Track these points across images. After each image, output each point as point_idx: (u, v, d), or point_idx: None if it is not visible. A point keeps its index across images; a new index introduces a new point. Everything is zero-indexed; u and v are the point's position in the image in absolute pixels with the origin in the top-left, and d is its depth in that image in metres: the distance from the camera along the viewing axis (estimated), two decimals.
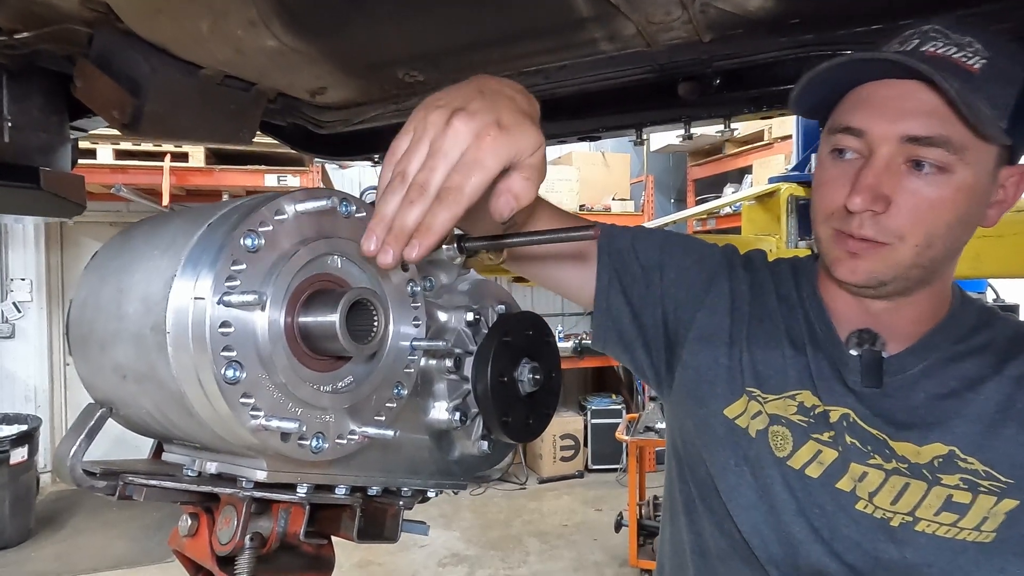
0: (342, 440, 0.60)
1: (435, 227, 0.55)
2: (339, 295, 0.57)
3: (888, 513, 0.82)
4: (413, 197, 0.56)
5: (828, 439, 0.86)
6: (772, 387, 0.91)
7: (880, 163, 0.78)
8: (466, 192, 0.57)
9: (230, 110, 1.28)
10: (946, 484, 0.81)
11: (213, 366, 0.50)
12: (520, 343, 0.83)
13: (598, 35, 1.04)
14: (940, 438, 0.82)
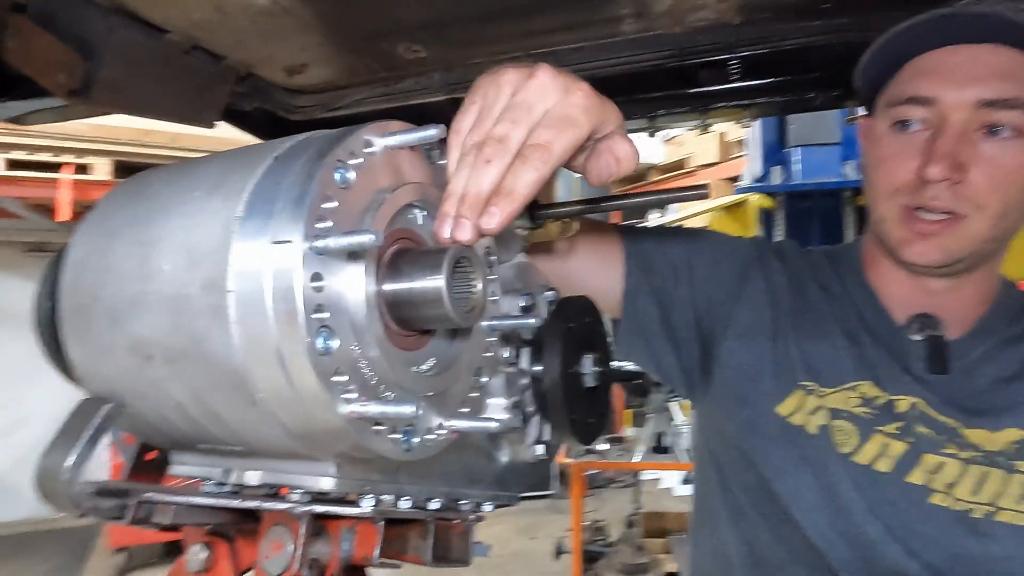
0: (430, 436, 0.48)
1: (517, 190, 0.46)
2: (439, 252, 0.45)
3: (969, 505, 0.77)
4: (490, 154, 0.47)
5: (896, 431, 0.81)
6: (828, 379, 0.86)
7: (955, 130, 0.76)
8: (555, 151, 0.48)
9: (195, 85, 1.12)
10: (1021, 469, 0.78)
11: (303, 331, 0.38)
12: (581, 331, 0.73)
13: (627, 11, 0.97)
14: (1014, 423, 0.79)
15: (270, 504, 0.47)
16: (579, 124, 0.50)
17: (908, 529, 0.78)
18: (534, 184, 0.46)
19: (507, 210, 0.45)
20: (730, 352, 0.92)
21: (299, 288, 0.38)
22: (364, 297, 0.41)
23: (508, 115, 0.49)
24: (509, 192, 0.45)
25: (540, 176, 0.46)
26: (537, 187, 0.47)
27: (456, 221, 0.45)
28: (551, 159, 0.48)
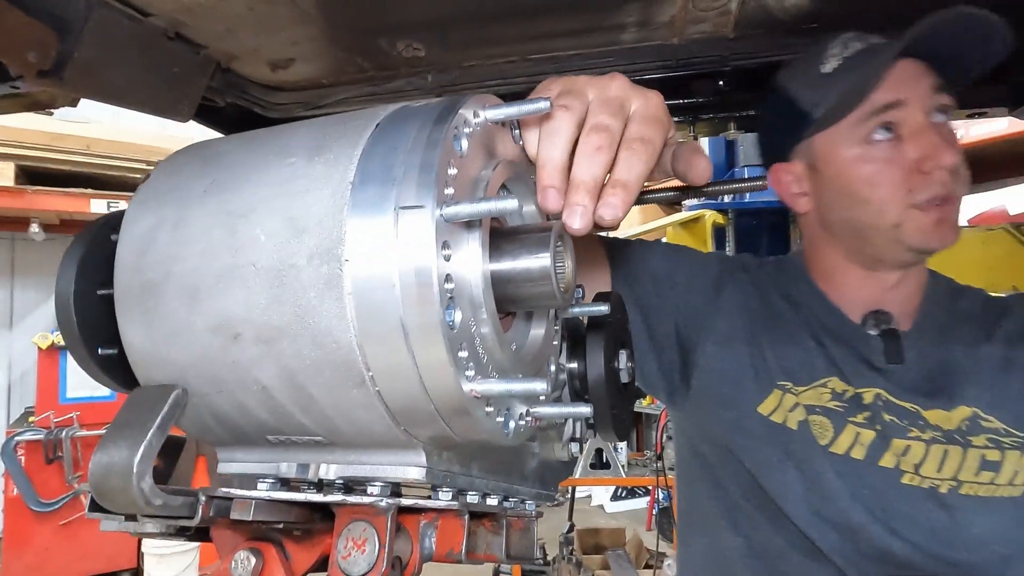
0: (521, 422, 0.46)
1: (632, 181, 0.47)
2: (543, 231, 0.44)
3: (936, 481, 0.84)
4: (599, 142, 0.47)
5: (864, 420, 0.88)
6: (802, 378, 0.91)
7: (929, 121, 0.85)
8: (657, 145, 0.50)
9: (173, 74, 1.06)
10: (976, 445, 0.85)
11: (437, 302, 0.36)
12: (616, 327, 0.73)
13: (630, 20, 1.00)
14: (962, 402, 0.87)
15: (355, 498, 0.44)
16: (665, 124, 0.52)
17: (887, 510, 0.84)
18: (644, 176, 0.46)
19: (627, 201, 0.45)
20: (710, 358, 0.96)
21: (433, 256, 0.36)
22: (481, 270, 0.39)
23: (605, 108, 0.49)
24: (626, 183, 0.46)
25: (648, 169, 0.47)
26: (644, 179, 0.47)
27: (571, 207, 0.45)
28: (655, 152, 0.49)
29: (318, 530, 0.47)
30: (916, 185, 0.84)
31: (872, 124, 0.86)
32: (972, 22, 0.81)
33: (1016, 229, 1.45)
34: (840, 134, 0.89)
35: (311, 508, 0.47)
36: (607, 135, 0.47)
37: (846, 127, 0.89)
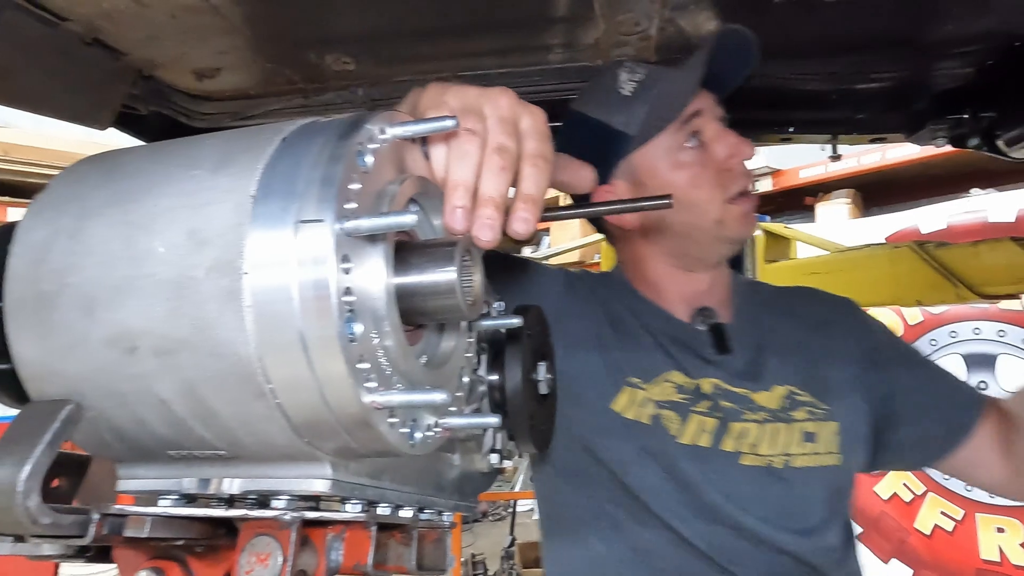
0: (429, 434, 0.47)
1: (536, 195, 0.50)
2: (449, 245, 0.45)
3: (771, 458, 0.93)
4: (504, 163, 0.49)
5: (706, 409, 0.95)
6: (648, 375, 0.98)
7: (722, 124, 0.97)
8: (551, 160, 0.52)
9: (91, 81, 1.04)
10: (797, 419, 0.96)
11: (335, 314, 0.36)
12: (536, 340, 0.74)
13: (556, 41, 1.03)
14: (777, 382, 0.97)
15: (259, 512, 0.44)
16: (551, 140, 0.54)
17: (735, 491, 0.92)
18: (546, 189, 0.49)
19: (536, 213, 0.49)
20: (561, 360, 1.01)
21: (332, 269, 0.36)
22: (384, 283, 0.40)
23: (504, 127, 0.51)
24: (534, 197, 0.48)
25: (548, 183, 0.49)
26: (545, 192, 0.50)
27: (480, 221, 0.47)
28: (550, 168, 0.51)
29: (222, 546, 0.47)
30: (727, 181, 0.94)
31: (684, 133, 0.96)
32: (739, 38, 0.92)
33: (920, 247, 1.55)
34: (658, 147, 0.97)
35: (214, 524, 0.46)
36: (509, 155, 0.49)
37: (662, 140, 0.97)
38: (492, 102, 0.52)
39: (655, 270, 1.04)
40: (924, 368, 1.07)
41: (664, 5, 0.93)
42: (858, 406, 1.00)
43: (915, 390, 1.02)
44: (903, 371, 1.04)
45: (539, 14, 0.94)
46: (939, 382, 1.06)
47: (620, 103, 0.95)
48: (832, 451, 0.95)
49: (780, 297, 1.10)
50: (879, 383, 1.02)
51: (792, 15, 0.98)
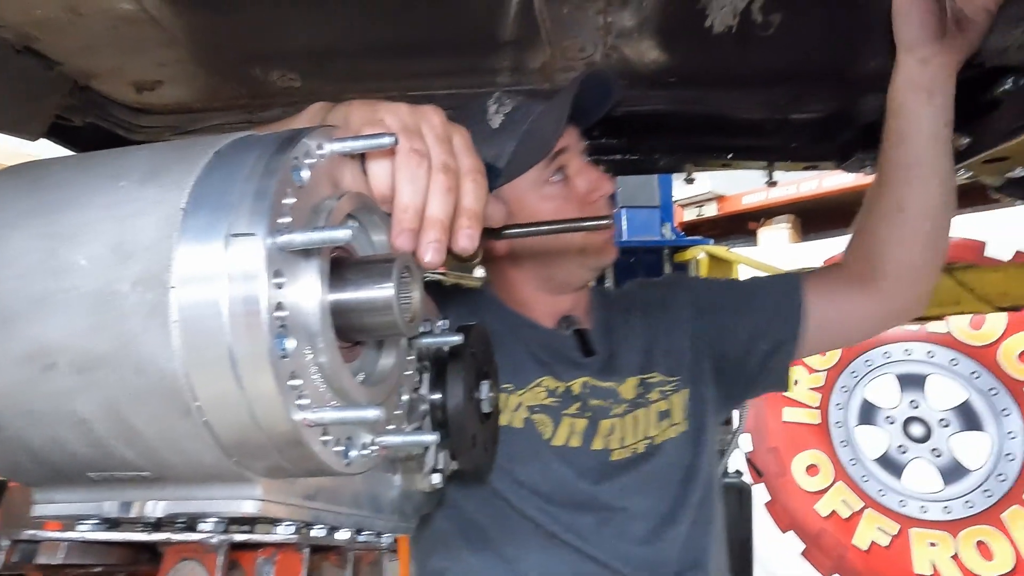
0: (365, 451, 0.46)
1: (479, 210, 0.52)
2: (386, 260, 0.45)
3: (636, 446, 1.01)
4: (449, 183, 0.51)
5: (576, 410, 1.01)
6: (521, 381, 1.02)
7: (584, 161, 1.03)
8: (485, 173, 0.53)
9: (23, 91, 1.00)
10: (652, 400, 1.05)
11: (266, 330, 0.36)
12: (479, 359, 0.74)
13: (504, 64, 1.04)
14: (632, 372, 1.06)
15: (183, 536, 0.42)
16: (476, 153, 0.56)
17: (612, 483, 0.98)
18: (485, 204, 0.49)
19: (479, 229, 0.50)
20: None
21: (263, 284, 0.36)
22: (319, 299, 0.40)
23: (443, 146, 0.52)
24: (476, 212, 0.49)
25: (486, 197, 0.50)
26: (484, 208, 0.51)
27: (426, 244, 0.48)
28: (487, 182, 0.52)
29: (144, 573, 0.45)
30: (589, 212, 0.99)
31: (550, 169, 1.00)
32: (604, 78, 0.99)
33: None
34: (525, 180, 1.01)
35: (136, 549, 0.44)
36: (453, 175, 0.50)
37: (529, 174, 1.00)
38: (427, 120, 0.53)
39: (524, 292, 1.10)
40: (740, 287, 1.18)
41: (608, 33, 0.96)
42: (701, 363, 1.10)
43: (740, 308, 1.12)
44: (725, 301, 1.14)
45: (486, 37, 0.95)
46: (755, 287, 1.16)
47: (489, 136, 0.97)
48: (681, 420, 1.06)
49: (621, 297, 1.20)
50: (710, 327, 1.11)
51: (730, 46, 1.01)
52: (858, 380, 3.99)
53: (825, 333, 1.09)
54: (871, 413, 3.91)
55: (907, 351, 3.80)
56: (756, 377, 1.11)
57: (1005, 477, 3.42)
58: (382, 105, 0.54)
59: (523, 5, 0.88)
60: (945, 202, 0.96)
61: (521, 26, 0.93)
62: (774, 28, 1.00)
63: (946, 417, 3.65)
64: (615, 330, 1.11)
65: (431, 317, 0.74)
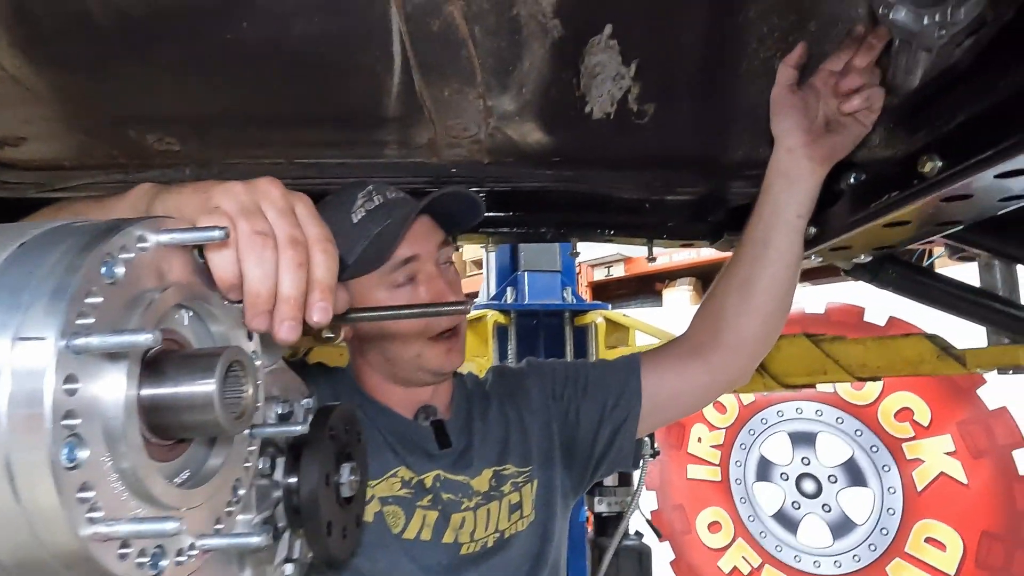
0: (181, 558, 0.44)
1: (331, 282, 0.51)
2: (211, 354, 0.44)
3: (486, 540, 1.02)
4: (300, 259, 0.51)
5: (429, 503, 1.01)
6: (375, 472, 1.01)
7: (438, 269, 1.04)
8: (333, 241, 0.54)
9: None
10: (505, 493, 1.06)
11: (48, 440, 0.34)
12: (341, 440, 0.72)
13: (391, 138, 1.06)
14: (487, 464, 1.07)
15: None
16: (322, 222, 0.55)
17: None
18: (336, 274, 0.49)
19: (332, 300, 0.50)
20: None
21: (49, 391, 0.34)
22: (123, 402, 0.38)
23: (287, 219, 0.51)
24: (329, 284, 0.48)
25: (337, 266, 0.50)
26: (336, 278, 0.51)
27: (281, 323, 0.48)
28: (336, 251, 0.52)
29: None
30: (431, 322, 1.01)
31: (397, 275, 1.01)
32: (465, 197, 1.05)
33: None
34: (371, 280, 1.02)
35: None
36: (301, 248, 0.50)
37: (375, 275, 1.02)
38: (265, 195, 0.52)
39: (376, 380, 1.10)
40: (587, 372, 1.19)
41: (490, 115, 0.99)
42: (552, 450, 1.12)
43: (586, 394, 1.15)
44: (573, 387, 1.17)
45: (370, 113, 0.96)
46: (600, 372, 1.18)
47: (347, 229, 0.98)
48: (529, 512, 1.07)
49: (478, 386, 1.20)
50: (561, 413, 1.15)
51: (609, 131, 1.07)
52: (755, 437, 4.15)
53: (662, 409, 1.14)
54: (767, 470, 4.07)
55: (798, 409, 4.00)
56: (603, 458, 1.15)
57: (887, 531, 3.61)
58: (216, 189, 0.53)
59: (404, 85, 0.90)
60: (789, 285, 1.04)
61: (404, 104, 0.95)
62: (649, 117, 1.07)
63: (834, 473, 3.84)
64: (474, 421, 1.12)
65: (291, 397, 0.72)
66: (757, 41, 0.97)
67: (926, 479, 3.52)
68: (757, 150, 1.09)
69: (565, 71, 0.98)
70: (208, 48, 0.82)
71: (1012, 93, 0.66)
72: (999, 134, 0.67)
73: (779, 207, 1.00)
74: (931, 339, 1.57)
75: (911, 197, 0.80)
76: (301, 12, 0.79)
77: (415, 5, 0.82)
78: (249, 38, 0.82)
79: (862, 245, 1.08)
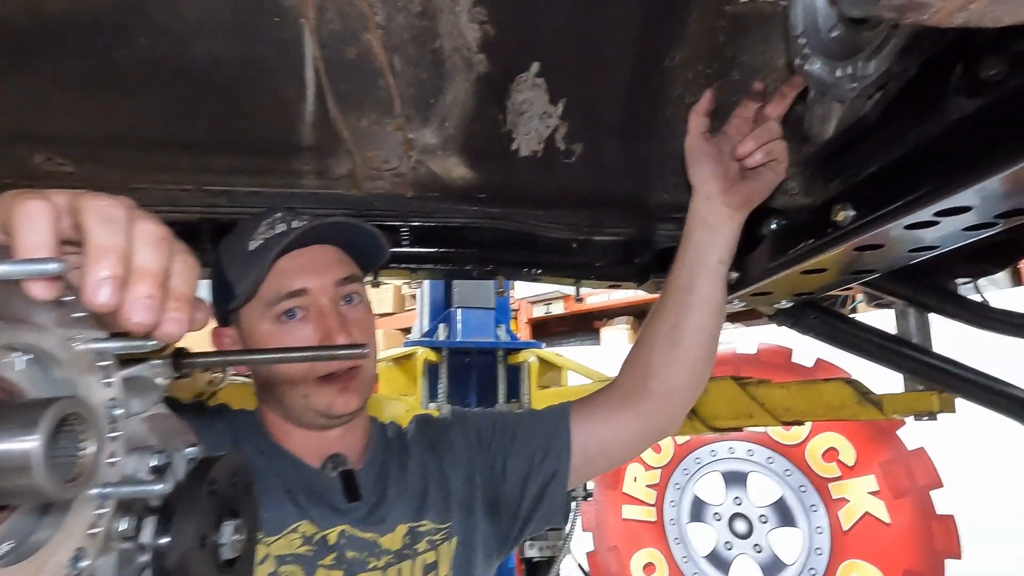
0: None
1: (189, 291, 0.47)
2: (38, 405, 0.38)
3: None
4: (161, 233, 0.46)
5: (332, 562, 0.93)
6: (273, 528, 0.93)
7: (333, 305, 0.96)
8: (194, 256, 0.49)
9: None
10: (420, 551, 0.99)
11: None
12: (224, 495, 0.65)
13: (307, 168, 1.01)
14: (402, 520, 1.00)
15: None
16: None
17: None
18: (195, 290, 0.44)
19: (189, 315, 0.44)
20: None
21: None
22: None
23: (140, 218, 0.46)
24: (187, 296, 0.44)
25: (197, 283, 0.45)
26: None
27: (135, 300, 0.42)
28: (197, 268, 0.47)
29: None
30: (315, 363, 0.94)
31: (281, 308, 0.94)
32: (363, 231, 0.97)
33: None
34: (257, 311, 0.95)
35: None
36: (163, 231, 0.45)
37: (260, 306, 0.95)
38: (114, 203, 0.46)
39: (276, 422, 1.02)
40: (514, 425, 1.14)
41: (412, 148, 0.96)
42: (475, 507, 1.06)
43: (512, 447, 1.10)
44: (500, 441, 1.11)
45: (284, 140, 0.92)
46: (528, 424, 1.13)
47: (241, 256, 0.94)
48: (448, 571, 1.00)
49: (399, 436, 1.13)
50: (485, 467, 1.09)
51: (535, 168, 1.06)
52: (689, 477, 4.17)
53: (592, 460, 1.10)
54: (701, 510, 4.08)
55: (731, 449, 4.05)
56: (533, 514, 1.10)
57: (816, 571, 3.65)
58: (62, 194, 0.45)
59: (319, 114, 0.86)
60: (714, 331, 1.03)
61: (320, 133, 0.91)
62: (576, 156, 1.06)
63: (765, 513, 3.88)
64: (390, 473, 1.05)
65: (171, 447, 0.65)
66: (682, 86, 0.98)
67: (852, 519, 3.59)
68: (682, 194, 1.09)
69: (491, 107, 0.96)
70: (101, 64, 0.76)
71: (918, 146, 0.67)
72: (908, 186, 0.67)
73: (701, 253, 1.00)
74: (851, 384, 1.61)
75: (826, 246, 0.80)
76: (204, 32, 0.75)
77: (331, 31, 0.79)
78: (148, 56, 0.77)
79: (782, 291, 1.09)
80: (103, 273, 0.41)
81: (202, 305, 0.49)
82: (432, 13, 0.80)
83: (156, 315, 0.43)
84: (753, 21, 0.87)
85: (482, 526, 1.06)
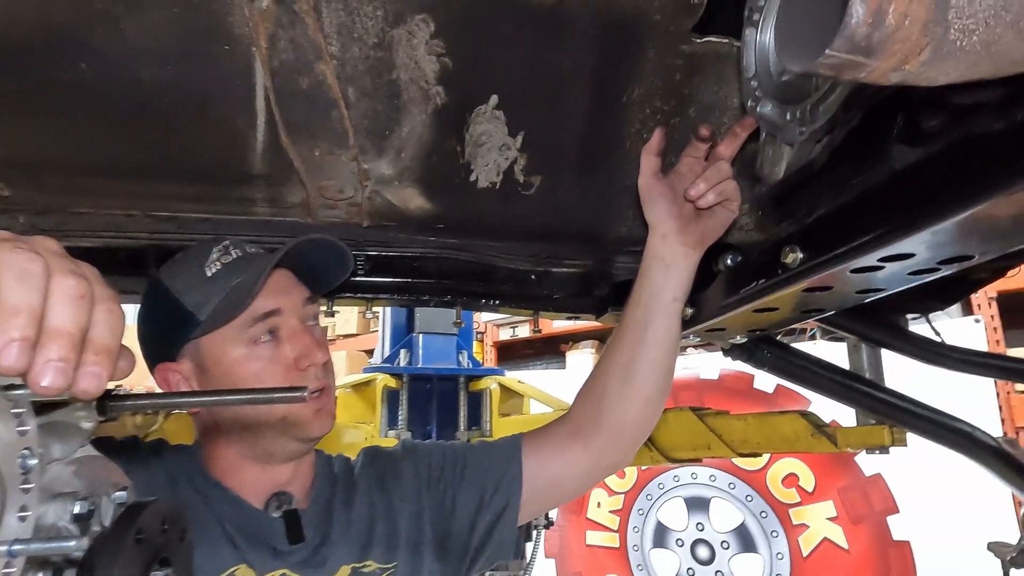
0: None
1: (113, 343, 0.45)
2: None
3: None
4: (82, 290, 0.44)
5: None
6: (208, 573, 0.89)
7: (304, 325, 0.96)
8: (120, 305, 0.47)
9: None
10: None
11: None
12: (154, 542, 0.62)
13: (259, 195, 0.99)
14: (345, 560, 0.97)
15: None
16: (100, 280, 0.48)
17: None
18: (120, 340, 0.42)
19: (110, 368, 0.42)
20: None
21: None
22: None
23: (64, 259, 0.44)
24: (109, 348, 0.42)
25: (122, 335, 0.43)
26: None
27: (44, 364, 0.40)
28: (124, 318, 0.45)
29: None
30: (295, 380, 0.92)
31: (258, 329, 0.92)
32: (327, 245, 0.98)
33: None
34: (227, 336, 0.93)
35: None
36: (85, 283, 0.43)
37: (232, 330, 0.93)
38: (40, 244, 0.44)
39: (228, 458, 0.97)
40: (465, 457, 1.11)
41: (367, 178, 0.95)
42: (423, 543, 1.03)
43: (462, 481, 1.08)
44: (450, 475, 1.09)
45: (234, 168, 0.90)
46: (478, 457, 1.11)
47: (200, 283, 0.92)
48: None
49: (347, 470, 1.10)
50: (435, 502, 1.06)
51: (494, 200, 1.05)
52: (652, 502, 4.17)
53: (542, 494, 1.08)
54: (664, 535, 4.07)
55: (693, 475, 4.06)
56: (482, 549, 1.07)
57: None
58: None
59: (269, 142, 0.85)
60: (668, 368, 1.03)
61: (271, 162, 0.89)
62: (535, 188, 1.05)
63: (727, 539, 3.89)
64: (335, 510, 1.01)
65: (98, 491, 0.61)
66: (640, 123, 0.98)
67: (811, 544, 3.62)
68: (640, 228, 1.09)
69: (449, 138, 0.95)
70: (37, 88, 0.74)
71: (863, 192, 0.68)
72: (854, 231, 0.68)
73: (656, 290, 1.00)
74: (805, 417, 1.63)
75: (776, 286, 0.81)
76: (151, 58, 0.73)
77: (282, 61, 0.77)
78: (90, 81, 0.74)
79: (736, 328, 1.09)
80: (13, 334, 0.40)
81: (127, 353, 0.46)
82: (388, 44, 0.79)
83: (66, 377, 0.41)
84: (709, 60, 0.88)
85: (430, 564, 1.03)
